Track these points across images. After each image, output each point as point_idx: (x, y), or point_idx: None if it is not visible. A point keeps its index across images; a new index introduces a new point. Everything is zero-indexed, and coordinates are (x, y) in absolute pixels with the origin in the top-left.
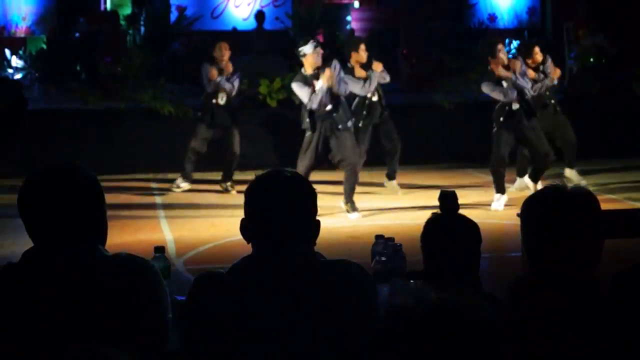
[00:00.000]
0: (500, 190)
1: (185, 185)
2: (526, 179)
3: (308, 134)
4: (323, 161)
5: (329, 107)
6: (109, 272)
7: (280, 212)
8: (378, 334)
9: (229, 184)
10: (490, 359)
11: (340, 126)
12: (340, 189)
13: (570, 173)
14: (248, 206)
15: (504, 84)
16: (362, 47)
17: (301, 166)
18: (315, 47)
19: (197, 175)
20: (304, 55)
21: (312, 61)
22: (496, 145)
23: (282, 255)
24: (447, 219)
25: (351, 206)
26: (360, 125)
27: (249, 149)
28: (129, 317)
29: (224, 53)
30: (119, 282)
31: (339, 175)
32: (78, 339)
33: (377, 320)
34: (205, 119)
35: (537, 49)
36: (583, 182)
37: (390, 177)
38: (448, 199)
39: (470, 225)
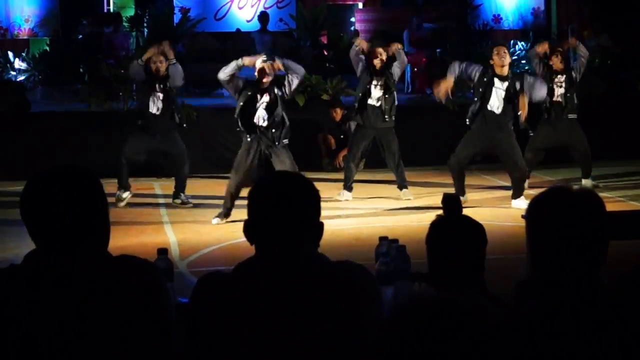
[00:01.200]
0: None
1: (127, 195)
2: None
3: (243, 148)
4: (253, 178)
5: (265, 123)
6: (111, 273)
7: (284, 214)
8: (383, 336)
9: (182, 197)
10: (492, 357)
11: (277, 143)
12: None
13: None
14: (251, 208)
15: None
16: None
17: (234, 180)
18: (264, 61)
19: (200, 178)
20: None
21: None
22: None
23: (285, 256)
24: (452, 221)
25: None
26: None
27: None
28: (132, 319)
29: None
30: (122, 283)
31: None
32: (81, 341)
33: (381, 322)
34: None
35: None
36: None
37: (401, 186)
38: (451, 203)
39: (476, 227)
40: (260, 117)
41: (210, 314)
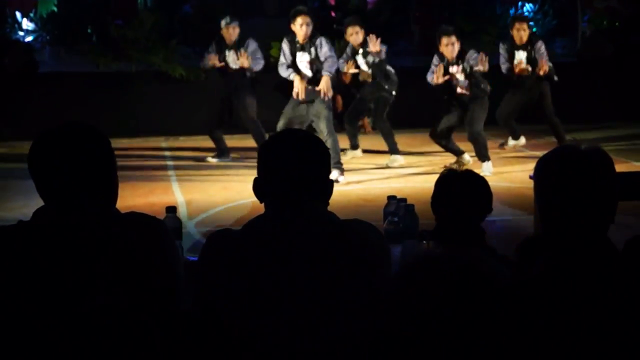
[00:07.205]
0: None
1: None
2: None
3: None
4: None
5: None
6: (119, 230)
7: (294, 171)
8: (391, 293)
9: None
10: (500, 315)
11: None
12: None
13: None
14: (261, 165)
15: None
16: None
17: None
18: (228, 23)
19: (206, 138)
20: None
21: (227, 36)
22: None
23: (295, 214)
24: (457, 175)
25: None
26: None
27: (261, 112)
28: (140, 276)
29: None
30: (131, 240)
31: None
32: (89, 297)
33: (390, 280)
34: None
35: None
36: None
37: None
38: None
39: (479, 180)
40: None
41: (220, 272)
